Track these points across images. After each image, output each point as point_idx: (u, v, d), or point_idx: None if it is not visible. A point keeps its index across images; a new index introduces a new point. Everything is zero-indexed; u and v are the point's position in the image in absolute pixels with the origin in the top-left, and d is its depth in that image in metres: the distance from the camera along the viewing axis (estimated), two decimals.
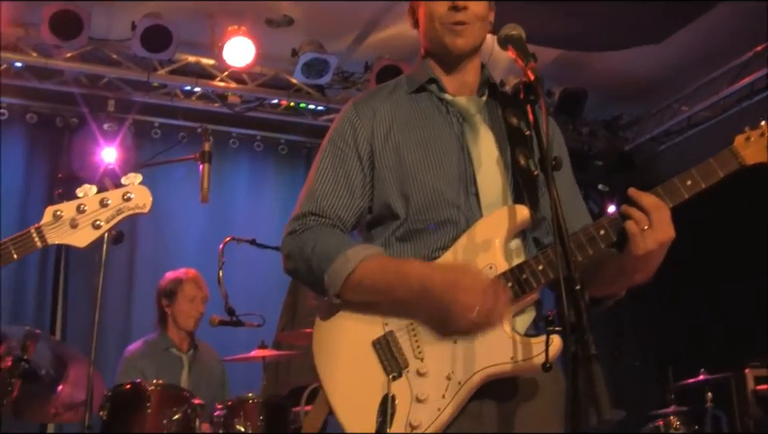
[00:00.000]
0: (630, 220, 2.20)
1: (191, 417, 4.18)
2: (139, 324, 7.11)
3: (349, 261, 2.29)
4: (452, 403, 2.21)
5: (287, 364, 6.33)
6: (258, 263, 7.17)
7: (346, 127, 2.53)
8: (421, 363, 2.26)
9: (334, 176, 2.49)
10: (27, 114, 7.50)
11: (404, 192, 2.41)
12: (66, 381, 4.55)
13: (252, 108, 7.91)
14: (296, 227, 2.46)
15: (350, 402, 2.31)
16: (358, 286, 2.29)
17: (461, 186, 2.39)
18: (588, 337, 1.72)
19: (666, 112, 8.44)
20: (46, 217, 2.68)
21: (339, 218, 2.46)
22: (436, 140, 2.44)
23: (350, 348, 2.35)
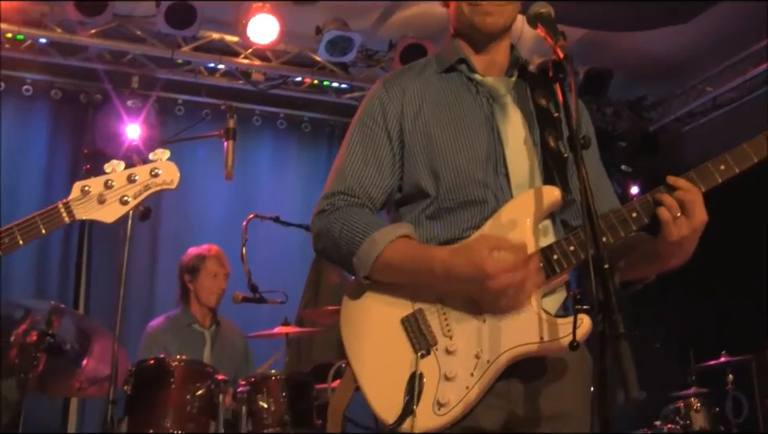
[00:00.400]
0: (663, 207, 2.19)
1: (215, 393, 4.20)
2: (162, 300, 7.16)
3: (376, 243, 2.29)
4: (480, 381, 2.20)
5: (310, 341, 6.37)
6: (281, 240, 7.20)
7: (376, 106, 2.51)
8: (450, 341, 2.25)
9: (363, 155, 2.47)
10: (52, 91, 7.53)
11: (434, 171, 2.40)
12: (91, 356, 4.59)
13: (276, 86, 7.91)
14: (325, 206, 2.45)
15: (378, 379, 2.30)
16: (385, 268, 2.29)
17: (490, 166, 2.37)
18: (616, 316, 1.72)
19: (690, 93, 8.38)
20: (74, 192, 2.68)
21: (368, 197, 2.45)
22: (466, 120, 2.43)
23: (379, 325, 2.35)
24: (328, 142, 8.47)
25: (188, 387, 4.20)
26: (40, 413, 6.48)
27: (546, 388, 2.29)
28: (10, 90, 7.40)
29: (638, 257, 2.35)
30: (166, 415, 4.11)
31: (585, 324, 2.07)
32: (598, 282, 1.80)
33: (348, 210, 2.41)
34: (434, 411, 2.21)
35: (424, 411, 2.21)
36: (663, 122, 8.70)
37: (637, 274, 2.43)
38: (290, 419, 4.40)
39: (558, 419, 2.27)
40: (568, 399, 2.29)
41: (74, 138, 7.59)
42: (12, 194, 7.13)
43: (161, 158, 2.77)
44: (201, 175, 7.43)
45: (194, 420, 4.16)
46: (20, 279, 6.94)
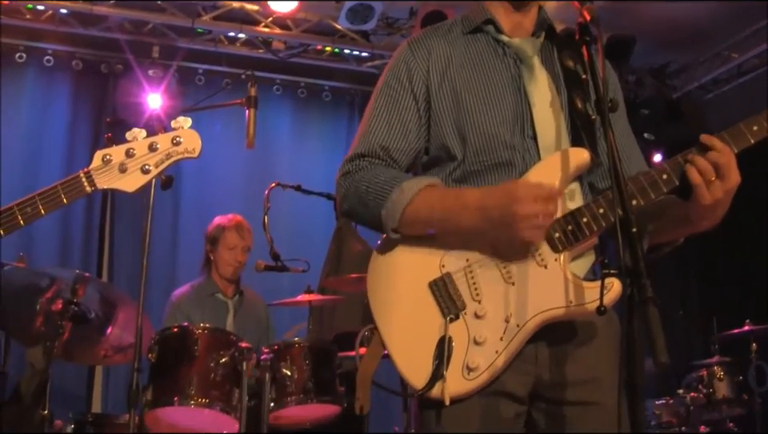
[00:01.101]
0: (695, 169, 2.16)
1: (238, 360, 4.20)
2: (184, 268, 7.20)
3: (405, 192, 2.26)
4: (509, 346, 2.19)
5: (332, 309, 6.37)
6: (303, 209, 7.22)
7: (401, 67, 2.48)
8: (478, 306, 2.23)
9: (388, 117, 2.44)
10: (73, 61, 7.54)
11: (461, 133, 2.36)
12: (115, 324, 4.61)
13: (296, 54, 7.89)
14: (349, 168, 2.43)
15: (406, 344, 2.29)
16: (415, 216, 2.26)
17: (518, 128, 2.34)
18: (644, 280, 1.70)
19: (714, 60, 8.29)
20: (95, 161, 2.66)
21: (393, 159, 2.43)
22: (493, 81, 2.39)
23: (406, 290, 2.32)
24: (349, 111, 8.46)
25: (212, 355, 4.21)
26: (66, 381, 6.55)
27: (574, 353, 2.28)
28: (31, 61, 7.43)
29: (668, 220, 2.32)
30: (190, 383, 4.13)
31: (614, 289, 2.06)
32: (625, 245, 1.78)
33: (372, 168, 2.40)
34: (463, 376, 2.20)
35: (453, 376, 2.20)
36: (687, 90, 8.62)
37: (666, 237, 2.40)
38: (313, 387, 4.41)
39: (586, 385, 2.26)
40: (596, 364, 2.28)
41: (95, 109, 7.62)
42: (34, 165, 7.18)
43: (182, 126, 2.74)
44: (222, 144, 7.43)
45: (218, 388, 4.17)
46: (44, 248, 7.00)
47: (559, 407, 2.28)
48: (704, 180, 2.14)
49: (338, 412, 4.60)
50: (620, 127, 2.47)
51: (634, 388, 1.68)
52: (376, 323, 2.36)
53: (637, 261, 1.73)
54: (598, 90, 2.00)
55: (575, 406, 2.26)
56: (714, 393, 6.26)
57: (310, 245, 7.04)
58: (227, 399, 4.18)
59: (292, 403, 4.38)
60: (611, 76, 2.54)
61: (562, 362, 2.27)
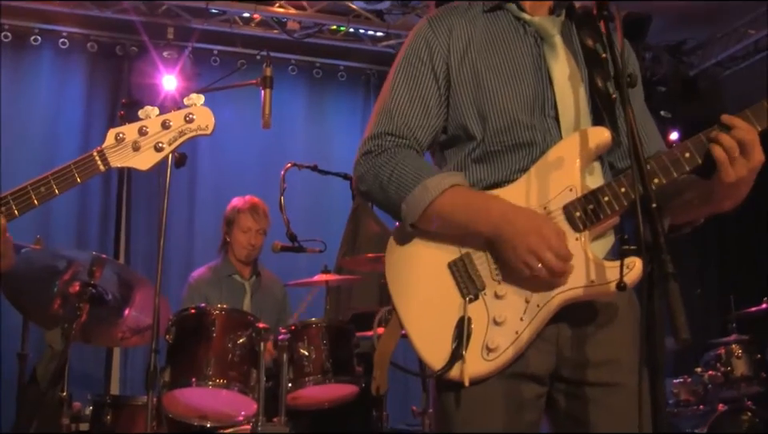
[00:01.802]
0: (719, 147, 2.12)
1: (256, 341, 4.21)
2: (201, 250, 7.23)
3: (428, 191, 2.22)
4: (530, 326, 2.17)
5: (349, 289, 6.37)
6: (320, 189, 7.23)
7: (421, 44, 2.43)
8: (498, 286, 2.21)
9: (410, 95, 2.39)
10: (88, 43, 7.55)
11: (481, 113, 2.33)
12: (132, 305, 4.62)
13: (311, 34, 7.85)
14: (371, 147, 2.37)
15: (424, 324, 2.26)
16: (435, 217, 2.24)
17: (539, 107, 2.31)
18: (665, 256, 1.68)
19: (732, 36, 8.19)
20: (108, 140, 2.65)
21: (415, 138, 2.38)
22: (514, 60, 2.36)
23: (425, 270, 2.30)
24: (364, 91, 8.44)
25: (229, 336, 4.22)
26: (85, 363, 6.59)
27: (595, 334, 2.26)
28: (46, 44, 7.45)
29: (688, 199, 2.29)
30: (208, 364, 4.13)
31: (636, 268, 2.03)
32: (645, 221, 1.75)
33: (397, 151, 2.35)
34: (482, 357, 2.18)
35: (473, 357, 2.17)
36: (703, 67, 8.53)
37: (686, 217, 2.37)
38: (331, 367, 4.41)
39: (607, 366, 2.24)
40: (617, 346, 2.26)
41: (110, 91, 7.64)
42: (51, 147, 7.22)
43: (195, 103, 2.73)
44: (238, 125, 7.43)
45: (236, 368, 4.18)
46: (61, 230, 7.04)
47: (579, 388, 2.26)
48: (728, 157, 2.11)
49: (356, 392, 4.60)
50: (637, 106, 2.42)
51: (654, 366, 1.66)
52: (394, 303, 2.33)
53: (657, 236, 1.71)
54: (617, 65, 1.97)
55: (595, 387, 2.24)
56: (732, 371, 6.23)
57: (326, 225, 7.05)
58: (245, 380, 4.19)
59: (310, 383, 4.38)
60: (630, 54, 2.50)
61: (583, 343, 2.25)
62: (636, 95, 2.45)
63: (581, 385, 2.26)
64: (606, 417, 2.22)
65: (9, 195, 2.57)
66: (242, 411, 4.35)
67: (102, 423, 4.41)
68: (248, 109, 7.20)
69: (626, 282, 1.99)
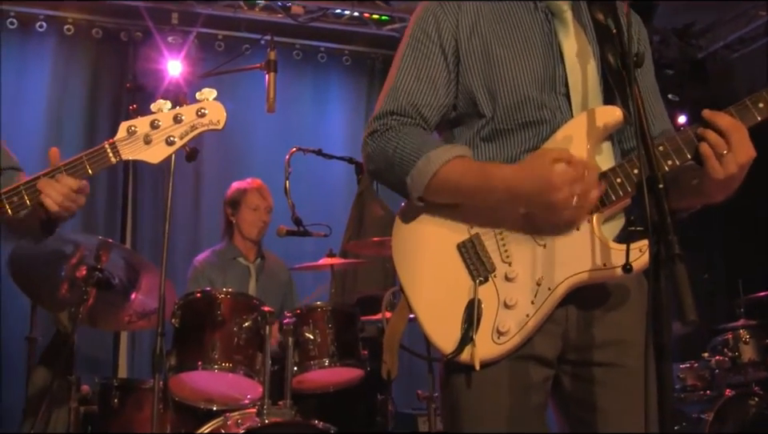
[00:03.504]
0: (706, 145, 2.10)
1: (261, 324, 4.21)
2: (207, 234, 7.24)
3: (431, 163, 2.19)
4: (541, 309, 2.16)
5: (354, 273, 6.37)
6: (324, 174, 7.23)
7: (429, 20, 2.38)
8: (509, 268, 2.19)
9: (417, 73, 2.35)
10: (93, 30, 7.54)
11: (491, 90, 2.29)
12: (138, 289, 4.64)
13: (316, 18, 7.82)
14: (377, 127, 2.35)
15: (434, 307, 2.24)
16: (441, 188, 2.21)
17: (549, 85, 2.28)
18: (672, 237, 1.66)
19: (741, 18, 8.13)
20: (120, 132, 2.66)
21: (422, 116, 2.34)
22: (524, 37, 2.32)
23: (434, 252, 2.28)
24: (369, 75, 8.43)
25: (235, 320, 4.22)
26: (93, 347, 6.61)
27: (604, 316, 2.25)
28: (51, 30, 7.44)
29: (683, 187, 2.25)
30: (214, 347, 4.14)
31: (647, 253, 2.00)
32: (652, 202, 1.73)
33: (401, 129, 2.31)
34: (493, 340, 2.16)
35: (483, 340, 2.16)
36: (712, 49, 8.48)
37: (681, 203, 2.33)
38: (337, 351, 4.42)
39: (614, 346, 2.23)
40: (626, 327, 2.24)
41: (116, 77, 7.64)
42: (56, 133, 7.21)
43: (207, 98, 2.73)
44: (243, 110, 7.41)
45: (241, 352, 4.18)
46: None
47: (585, 369, 2.25)
48: (715, 154, 2.08)
49: (361, 376, 4.60)
50: (647, 84, 2.41)
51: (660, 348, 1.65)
52: (402, 285, 2.30)
53: (664, 217, 1.69)
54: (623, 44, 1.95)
55: (602, 367, 2.23)
56: (740, 356, 6.23)
57: (331, 209, 7.05)
58: (250, 364, 4.19)
59: (315, 367, 4.38)
60: (642, 33, 2.48)
61: (591, 324, 2.24)
62: (645, 74, 2.42)
63: (587, 366, 2.25)
64: (611, 398, 2.21)
65: (21, 186, 2.59)
66: (247, 395, 4.37)
67: (110, 406, 4.42)
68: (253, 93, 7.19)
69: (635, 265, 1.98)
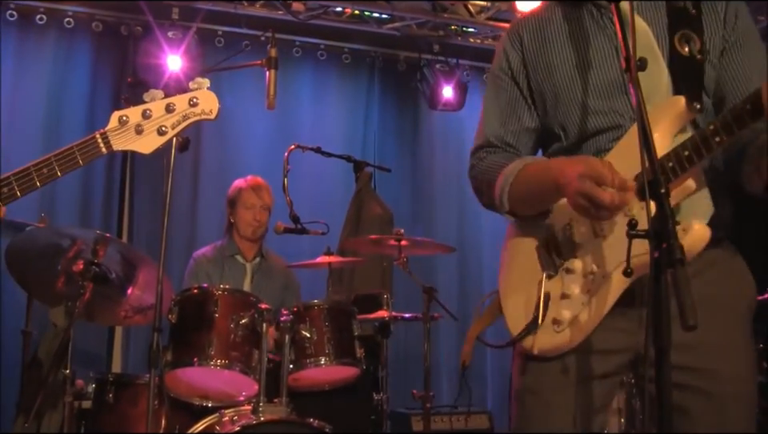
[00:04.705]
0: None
1: (258, 322, 4.21)
2: (204, 230, 7.25)
3: (506, 176, 2.39)
4: (596, 297, 2.23)
5: (351, 272, 6.37)
6: (323, 171, 7.23)
7: (502, 57, 2.59)
8: (571, 261, 2.32)
9: (498, 104, 2.58)
10: (93, 23, 7.52)
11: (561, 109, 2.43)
12: (135, 285, 4.62)
13: (316, 16, 7.82)
14: (473, 162, 2.60)
15: (513, 301, 2.45)
16: (519, 195, 2.38)
17: (617, 89, 2.36)
18: (674, 241, 1.68)
19: None
20: (112, 122, 2.64)
21: (507, 143, 2.55)
22: (589, 48, 2.41)
23: (521, 256, 2.48)
24: (368, 73, 8.43)
25: (231, 316, 4.22)
26: (87, 341, 6.60)
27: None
28: (51, 23, 7.41)
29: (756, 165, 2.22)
30: (210, 344, 4.14)
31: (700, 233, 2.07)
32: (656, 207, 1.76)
33: (488, 157, 2.55)
34: (553, 329, 2.29)
35: (544, 330, 2.31)
36: None
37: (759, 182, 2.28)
38: (333, 349, 4.42)
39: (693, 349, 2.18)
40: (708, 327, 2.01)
41: (115, 71, 7.62)
42: (56, 127, 7.21)
43: (200, 87, 2.73)
44: (242, 106, 7.43)
45: (238, 349, 4.18)
46: (65, 209, 7.05)
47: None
48: None
49: (357, 375, 4.61)
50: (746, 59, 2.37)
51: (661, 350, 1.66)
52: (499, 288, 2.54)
53: (666, 222, 1.71)
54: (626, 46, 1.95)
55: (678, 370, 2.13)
56: None
57: (329, 207, 7.06)
58: (247, 361, 4.19)
59: (311, 365, 4.38)
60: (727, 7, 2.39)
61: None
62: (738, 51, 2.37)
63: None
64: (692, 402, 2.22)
65: (11, 176, 2.57)
66: (243, 392, 4.37)
67: (105, 402, 4.43)
68: (253, 90, 7.20)
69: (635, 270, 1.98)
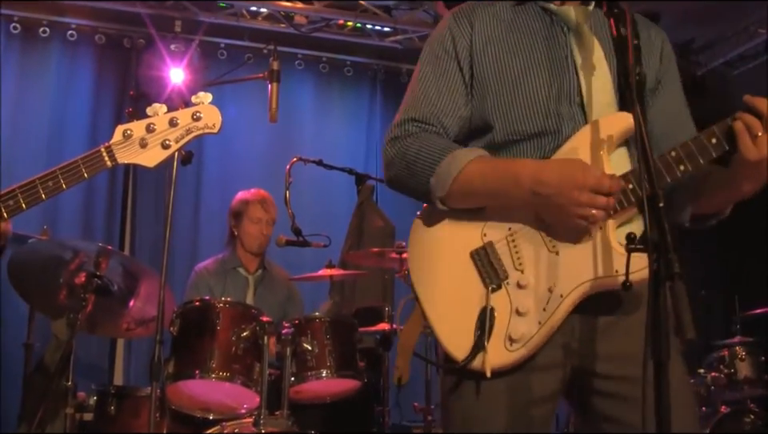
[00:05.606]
0: (740, 123, 2.13)
1: (259, 334, 4.21)
2: (206, 242, 7.27)
3: (457, 160, 2.25)
4: (553, 316, 2.16)
5: (353, 284, 6.38)
6: (325, 184, 7.23)
7: (446, 37, 2.46)
8: (521, 275, 2.21)
9: (436, 83, 2.43)
10: (96, 36, 7.58)
11: (504, 102, 2.34)
12: (137, 297, 4.63)
13: (318, 29, 7.86)
14: (397, 133, 2.41)
15: (447, 315, 2.27)
16: (466, 187, 2.24)
17: (564, 95, 2.32)
18: (671, 255, 1.67)
19: (741, 35, 8.16)
20: (116, 136, 2.67)
21: (442, 125, 2.40)
22: (538, 49, 2.37)
23: (447, 259, 2.31)
24: (370, 86, 8.46)
25: (233, 329, 4.22)
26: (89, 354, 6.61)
27: (616, 325, 2.25)
28: (54, 36, 7.47)
29: (711, 185, 2.29)
30: (212, 356, 4.14)
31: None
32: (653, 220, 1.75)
33: (422, 135, 2.38)
34: (505, 347, 2.17)
35: (495, 347, 2.18)
36: (712, 66, 8.50)
37: (710, 206, 2.36)
38: (334, 362, 4.42)
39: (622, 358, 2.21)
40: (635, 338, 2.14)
41: (118, 83, 7.66)
42: (59, 139, 7.24)
43: (203, 102, 2.74)
44: (244, 119, 7.45)
45: (239, 361, 4.18)
46: (67, 221, 7.06)
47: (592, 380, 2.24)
48: (750, 133, 2.11)
49: (358, 387, 4.60)
50: (674, 96, 2.48)
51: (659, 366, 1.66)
52: (416, 293, 2.34)
53: (664, 235, 1.71)
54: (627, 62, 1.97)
55: (607, 379, 2.22)
56: (736, 373, 6.21)
57: (331, 220, 7.06)
58: (248, 373, 4.19)
59: (312, 377, 4.38)
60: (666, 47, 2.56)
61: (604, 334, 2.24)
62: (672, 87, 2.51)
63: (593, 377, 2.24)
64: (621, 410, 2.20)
65: (17, 188, 2.59)
66: (244, 404, 4.37)
67: (106, 414, 4.43)
68: (255, 102, 7.22)
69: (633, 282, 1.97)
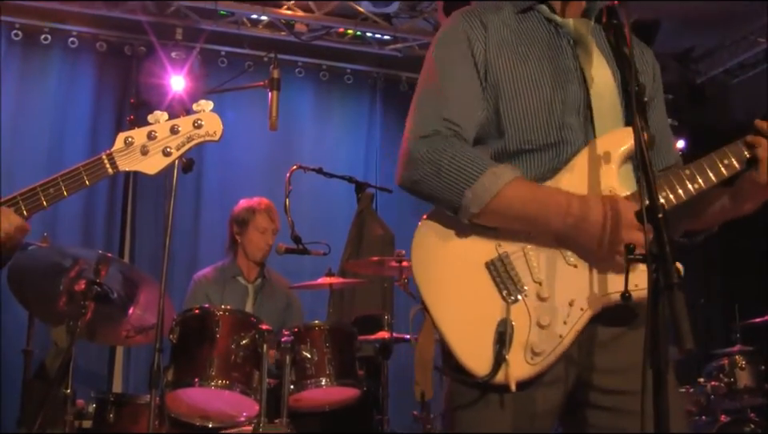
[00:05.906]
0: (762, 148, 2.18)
1: (259, 342, 4.21)
2: (206, 249, 7.27)
3: (498, 178, 2.16)
4: (573, 329, 2.14)
5: (352, 293, 6.37)
6: (325, 192, 7.24)
7: (462, 40, 2.36)
8: (540, 288, 2.17)
9: (463, 86, 2.33)
10: (97, 43, 7.60)
11: (514, 110, 2.30)
12: (137, 304, 4.63)
13: (318, 37, 7.87)
14: (428, 131, 2.28)
15: (462, 327, 2.20)
16: (503, 208, 2.18)
17: (573, 108, 2.30)
18: (670, 266, 1.68)
19: (741, 44, 8.18)
20: (118, 143, 2.66)
21: (466, 129, 2.31)
22: (549, 61, 2.34)
23: (460, 270, 2.24)
24: (370, 94, 8.47)
25: (232, 337, 4.22)
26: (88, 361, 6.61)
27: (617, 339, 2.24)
28: (56, 43, 7.49)
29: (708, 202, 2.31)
30: (211, 364, 4.14)
31: None
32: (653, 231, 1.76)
33: (454, 141, 2.26)
34: (526, 360, 2.13)
35: (516, 360, 2.13)
36: (711, 74, 8.52)
37: (702, 222, 2.38)
38: (333, 370, 4.42)
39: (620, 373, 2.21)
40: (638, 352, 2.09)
41: (119, 90, 7.68)
42: (59, 146, 7.25)
43: (204, 109, 2.74)
44: (244, 127, 7.46)
45: (239, 370, 4.18)
46: (67, 228, 7.06)
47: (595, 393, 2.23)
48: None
49: (357, 396, 4.60)
50: (659, 119, 2.47)
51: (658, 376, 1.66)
52: (427, 305, 2.26)
53: (663, 246, 1.71)
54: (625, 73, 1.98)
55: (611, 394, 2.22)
56: (735, 382, 6.19)
57: (331, 228, 7.06)
58: (247, 381, 4.19)
59: (312, 385, 4.38)
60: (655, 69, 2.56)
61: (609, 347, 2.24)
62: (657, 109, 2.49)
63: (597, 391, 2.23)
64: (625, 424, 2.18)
65: (18, 196, 2.59)
66: (243, 412, 4.36)
67: (105, 421, 4.42)
68: (255, 110, 7.22)
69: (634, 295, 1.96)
